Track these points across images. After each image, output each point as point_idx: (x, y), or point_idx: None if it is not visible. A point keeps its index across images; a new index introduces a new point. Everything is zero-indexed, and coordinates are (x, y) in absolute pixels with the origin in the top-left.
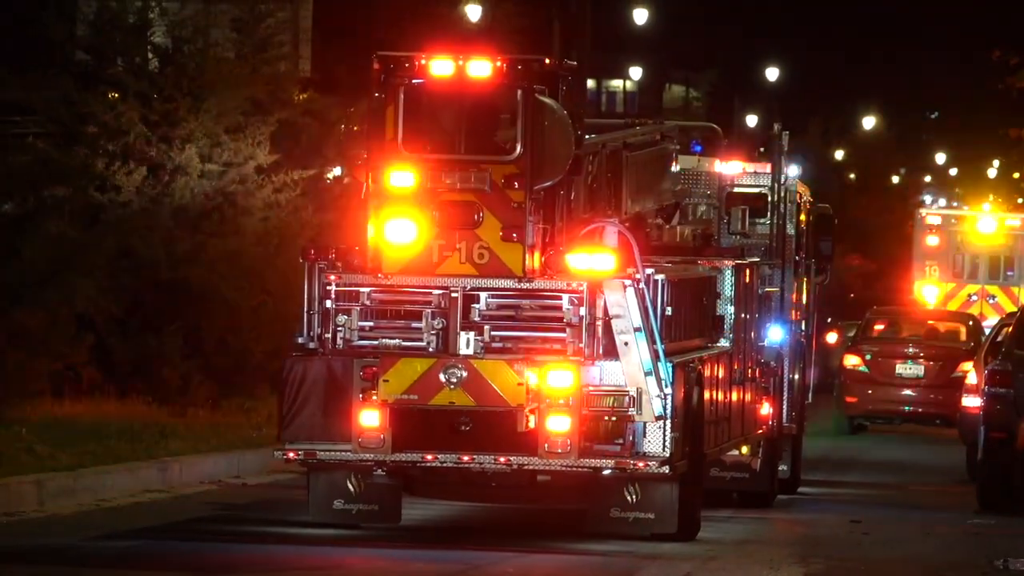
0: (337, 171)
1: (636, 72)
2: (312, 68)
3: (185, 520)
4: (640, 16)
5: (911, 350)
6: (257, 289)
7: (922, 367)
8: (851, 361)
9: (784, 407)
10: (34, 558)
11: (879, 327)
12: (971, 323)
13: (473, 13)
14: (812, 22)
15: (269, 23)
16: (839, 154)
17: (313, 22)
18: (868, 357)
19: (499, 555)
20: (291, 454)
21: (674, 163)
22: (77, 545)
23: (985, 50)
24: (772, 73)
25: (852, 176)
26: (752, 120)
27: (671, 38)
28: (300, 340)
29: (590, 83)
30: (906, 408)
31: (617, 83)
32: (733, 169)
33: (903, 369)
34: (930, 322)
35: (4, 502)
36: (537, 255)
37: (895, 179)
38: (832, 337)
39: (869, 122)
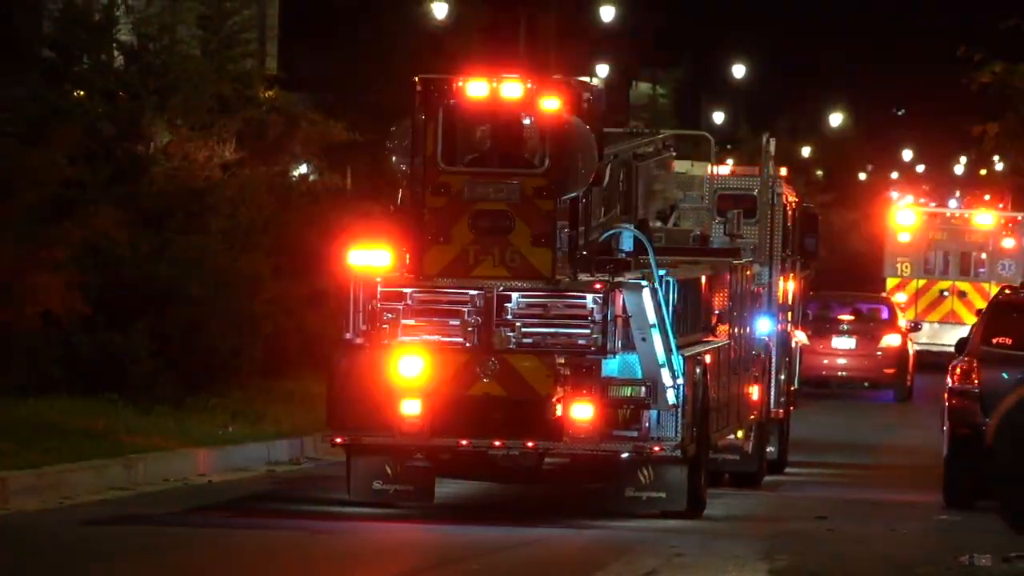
0: (303, 168)
1: (603, 70)
2: (278, 65)
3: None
4: (607, 14)
5: (844, 327)
6: (223, 286)
7: (854, 340)
8: (796, 336)
9: (772, 393)
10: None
11: (815, 308)
12: (889, 305)
13: (440, 11)
14: (778, 19)
15: (235, 20)
16: (806, 151)
17: (279, 20)
18: (810, 332)
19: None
20: (338, 439)
21: (672, 168)
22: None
23: (951, 46)
24: (739, 70)
25: (819, 173)
26: (719, 117)
27: (637, 36)
28: (347, 336)
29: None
30: (840, 373)
31: (585, 79)
32: (723, 172)
33: (838, 342)
34: (856, 304)
35: None
36: (564, 258)
37: (862, 176)
38: None
39: (836, 119)
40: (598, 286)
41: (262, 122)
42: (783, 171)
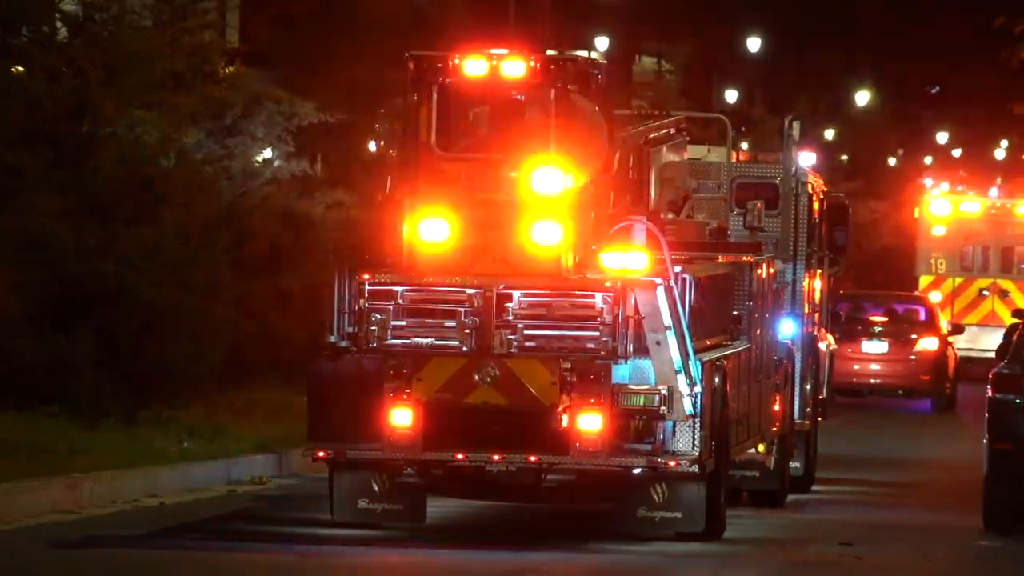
0: (267, 153)
1: (602, 43)
2: (240, 38)
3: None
4: None
5: (875, 329)
6: (178, 286)
7: (886, 344)
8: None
9: (796, 402)
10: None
11: (845, 309)
12: (927, 305)
13: None
14: None
15: None
16: (829, 134)
17: None
18: (838, 336)
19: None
20: (320, 453)
21: (685, 154)
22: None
23: (989, 17)
24: (754, 44)
25: (844, 158)
26: (732, 96)
27: (642, 5)
28: (331, 339)
29: (550, 54)
30: (873, 381)
31: (581, 54)
32: (743, 159)
33: (869, 346)
34: (891, 304)
35: None
36: (570, 254)
37: (892, 161)
38: None
39: (863, 98)
40: (608, 284)
41: (221, 101)
42: (810, 157)
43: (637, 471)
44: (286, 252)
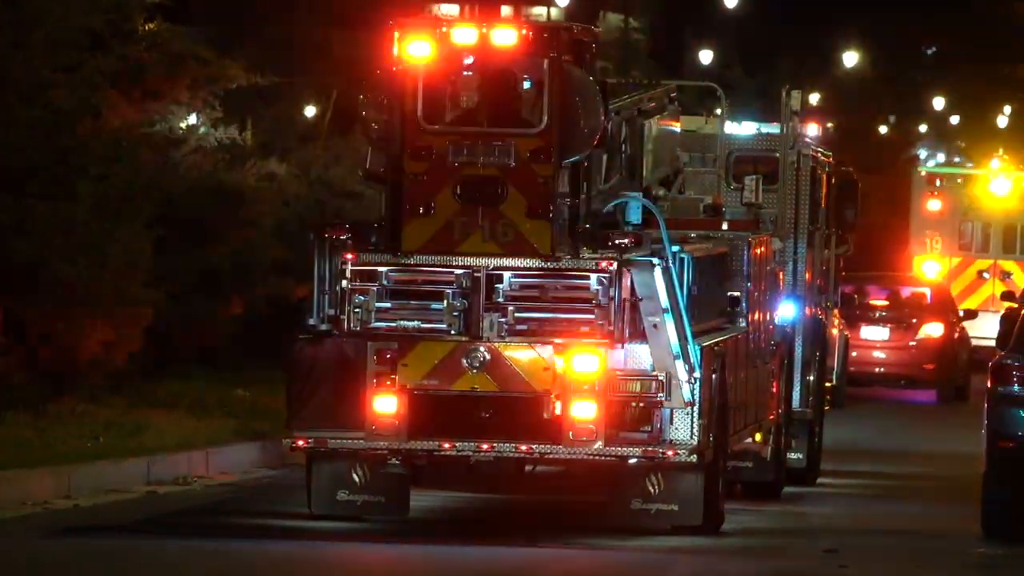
0: (192, 119)
1: None
2: None
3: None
4: None
5: (876, 314)
6: (95, 266)
7: (887, 330)
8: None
9: (796, 389)
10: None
11: (845, 292)
12: (936, 289)
13: None
14: None
15: None
16: (814, 98)
17: None
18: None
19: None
20: (300, 442)
21: (678, 125)
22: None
23: None
24: None
25: (830, 125)
26: (706, 56)
27: None
28: (311, 322)
29: (504, 12)
30: (878, 369)
31: (540, 11)
32: (741, 130)
33: (868, 332)
34: (897, 286)
35: None
36: (564, 232)
37: (883, 129)
38: None
39: (851, 59)
40: (604, 264)
41: (141, 62)
42: (813, 128)
43: (633, 461)
44: (213, 228)
